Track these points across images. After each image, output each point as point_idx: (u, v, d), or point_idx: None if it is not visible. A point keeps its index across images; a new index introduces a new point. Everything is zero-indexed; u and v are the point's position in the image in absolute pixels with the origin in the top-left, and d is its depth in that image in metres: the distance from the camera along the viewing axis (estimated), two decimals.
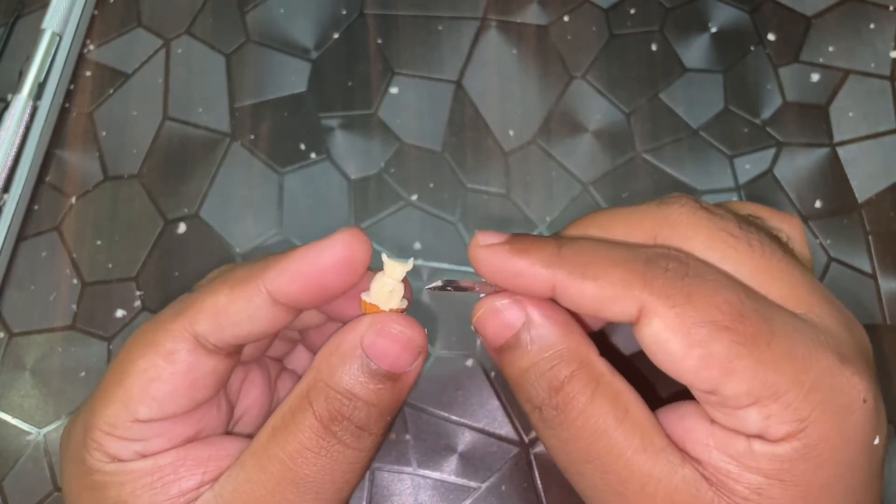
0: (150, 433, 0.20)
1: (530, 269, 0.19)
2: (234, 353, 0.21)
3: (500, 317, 0.20)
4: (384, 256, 0.20)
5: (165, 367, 0.20)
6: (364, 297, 0.20)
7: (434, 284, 0.21)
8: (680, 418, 0.19)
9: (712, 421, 0.19)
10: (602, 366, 0.20)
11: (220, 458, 0.21)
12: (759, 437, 0.18)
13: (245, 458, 0.20)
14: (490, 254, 0.20)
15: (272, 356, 0.26)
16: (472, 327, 0.21)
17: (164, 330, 0.20)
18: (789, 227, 0.22)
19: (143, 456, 0.20)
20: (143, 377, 0.20)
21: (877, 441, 0.18)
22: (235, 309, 0.20)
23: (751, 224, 0.20)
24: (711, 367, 0.18)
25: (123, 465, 0.20)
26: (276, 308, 0.20)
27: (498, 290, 0.21)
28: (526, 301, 0.20)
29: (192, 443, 0.21)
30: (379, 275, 0.20)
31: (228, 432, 0.23)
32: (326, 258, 0.20)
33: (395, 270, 0.20)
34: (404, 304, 0.21)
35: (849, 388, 0.18)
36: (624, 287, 0.18)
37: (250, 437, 0.22)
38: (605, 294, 0.18)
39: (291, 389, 0.21)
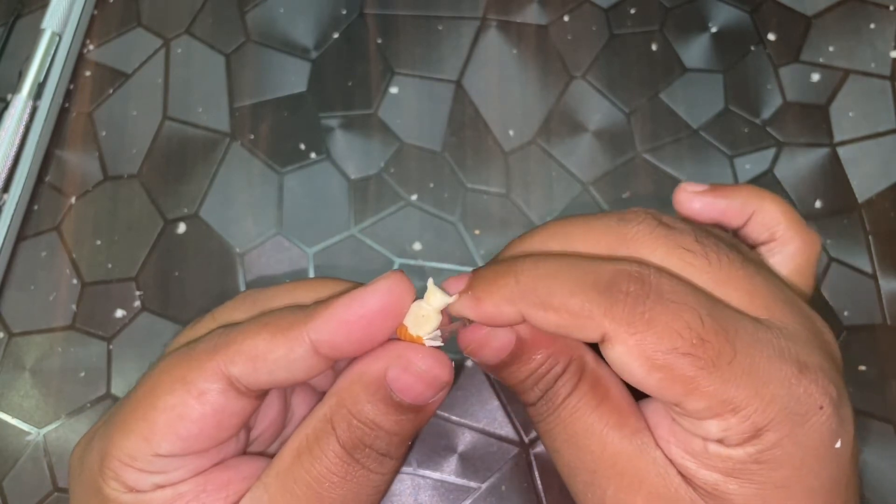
0: (170, 467, 0.20)
1: (497, 309, 0.20)
2: (264, 395, 0.21)
3: (492, 344, 0.21)
4: (430, 282, 0.21)
5: (195, 407, 0.19)
6: (408, 324, 0.20)
7: (436, 344, 0.21)
8: (648, 414, 0.21)
9: (674, 419, 0.20)
10: (588, 357, 0.21)
11: (239, 481, 0.20)
12: (715, 441, 0.19)
13: (268, 480, 0.20)
14: (461, 305, 0.20)
15: None
16: (463, 352, 0.22)
17: (199, 368, 0.19)
18: (802, 243, 0.23)
19: (161, 487, 0.20)
20: (171, 414, 0.19)
21: (838, 445, 0.19)
22: (275, 357, 0.19)
23: (709, 235, 0.21)
24: (672, 388, 0.18)
25: (141, 496, 0.19)
26: (315, 358, 0.19)
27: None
28: (518, 329, 0.21)
29: (206, 470, 0.21)
30: (419, 301, 0.20)
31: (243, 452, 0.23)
32: (372, 305, 0.19)
33: (435, 298, 0.20)
34: (436, 337, 0.20)
35: (805, 397, 0.18)
36: (584, 317, 0.19)
37: (264, 454, 0.22)
38: (568, 323, 0.19)
39: (312, 409, 0.21)
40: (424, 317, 0.20)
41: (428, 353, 0.20)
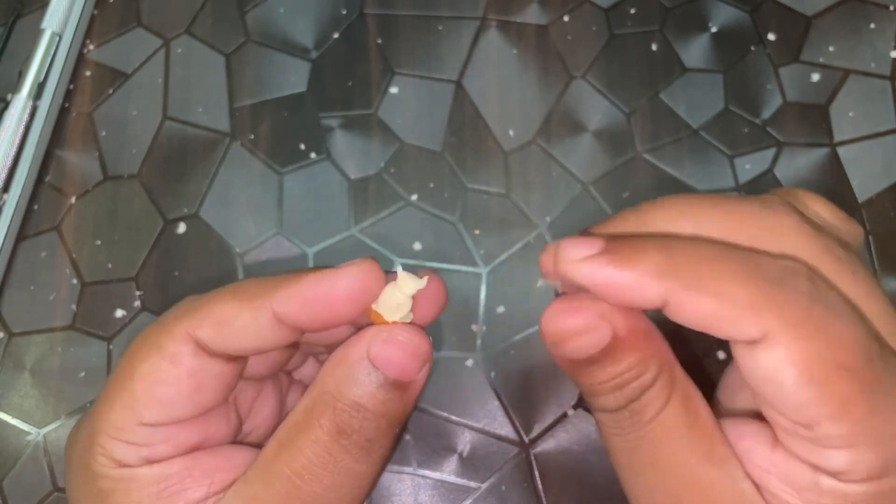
0: (156, 438, 0.20)
1: (639, 282, 0.17)
2: (239, 359, 0.21)
3: (584, 337, 0.18)
4: (399, 269, 0.20)
5: (170, 370, 0.19)
6: (373, 306, 0.20)
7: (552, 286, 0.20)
8: (739, 437, 0.19)
9: (774, 445, 0.18)
10: (678, 369, 0.19)
11: (226, 470, 0.20)
12: (833, 474, 0.17)
13: (251, 474, 0.20)
14: (591, 268, 0.17)
15: (284, 368, 0.26)
16: (541, 333, 0.19)
17: (167, 332, 0.20)
18: (853, 238, 0.20)
19: (150, 462, 0.20)
20: (148, 380, 0.19)
21: None
22: (240, 323, 0.19)
23: (847, 246, 0.19)
24: (822, 406, 0.16)
25: (130, 471, 0.19)
26: (280, 328, 0.20)
27: (570, 294, 0.19)
28: (613, 315, 0.18)
29: (199, 451, 0.20)
30: (391, 286, 0.20)
31: (236, 443, 0.23)
32: (339, 288, 0.19)
33: (407, 284, 0.20)
34: (410, 318, 0.21)
35: None
36: (750, 309, 0.16)
37: (258, 446, 0.21)
38: (726, 314, 0.16)
39: (298, 403, 0.20)
40: (399, 304, 0.20)
41: (406, 326, 0.20)
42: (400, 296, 0.20)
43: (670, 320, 0.18)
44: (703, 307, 0.17)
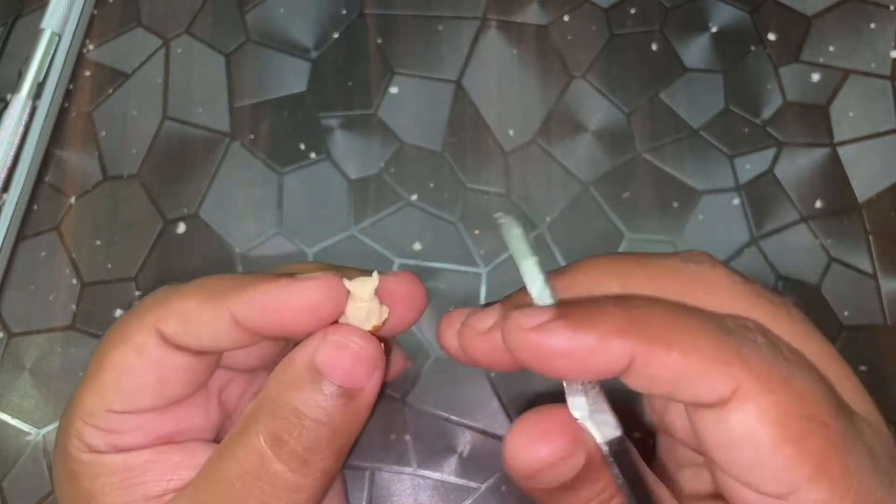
0: (125, 426, 0.20)
1: (602, 343, 0.15)
2: (209, 354, 0.21)
3: (558, 466, 0.16)
4: (346, 282, 0.19)
5: (135, 361, 0.19)
6: (341, 321, 0.19)
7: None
8: None
9: None
10: (648, 473, 0.18)
11: (189, 467, 0.20)
12: None
13: (195, 481, 0.19)
14: (547, 337, 0.16)
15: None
16: (506, 466, 0.17)
17: (137, 324, 0.20)
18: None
19: (118, 450, 0.20)
20: (115, 369, 0.20)
21: None
22: (201, 321, 0.19)
23: (777, 291, 0.19)
24: (800, 468, 0.15)
25: (98, 457, 0.20)
26: (239, 330, 0.19)
27: (534, 413, 0.17)
28: (584, 435, 0.17)
29: (167, 445, 0.20)
30: (350, 299, 0.19)
31: (218, 440, 0.22)
32: (293, 301, 0.19)
33: (362, 292, 0.19)
34: (385, 314, 0.20)
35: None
36: (718, 361, 0.15)
37: None
38: (694, 368, 0.15)
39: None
40: (368, 312, 0.19)
41: (355, 331, 0.19)
42: (363, 305, 0.19)
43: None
44: (671, 363, 0.15)
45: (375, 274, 0.19)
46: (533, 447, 0.16)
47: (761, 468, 0.15)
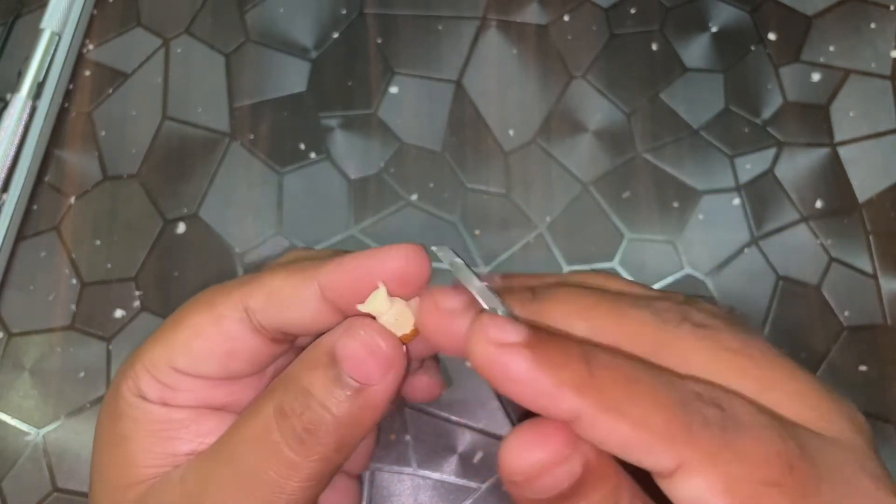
0: (180, 385, 0.20)
1: (557, 391, 0.15)
2: (278, 341, 0.21)
3: (554, 472, 0.16)
4: (359, 307, 0.19)
5: (211, 328, 0.20)
6: (359, 307, 0.19)
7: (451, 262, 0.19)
8: None
9: None
10: (643, 495, 0.17)
11: (218, 434, 0.20)
12: None
13: (213, 444, 0.20)
14: (508, 359, 0.15)
15: None
16: (501, 471, 0.17)
17: (224, 295, 0.21)
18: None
19: (165, 404, 0.20)
20: (191, 330, 0.20)
21: None
22: (286, 293, 0.20)
23: (736, 321, 0.18)
24: None
25: (144, 404, 0.20)
26: (322, 304, 0.20)
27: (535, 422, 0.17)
28: (581, 441, 0.16)
29: (207, 409, 0.21)
30: (397, 298, 0.20)
31: None
32: (380, 267, 0.19)
33: (377, 305, 0.19)
34: (409, 321, 0.19)
35: None
36: (665, 438, 0.15)
37: None
38: (640, 441, 0.15)
39: None
40: (392, 302, 0.19)
41: (381, 329, 0.19)
42: (386, 318, 0.19)
43: None
44: (619, 432, 0.15)
45: (381, 285, 0.19)
46: (528, 450, 0.16)
47: None
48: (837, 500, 0.16)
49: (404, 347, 0.19)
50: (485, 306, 0.18)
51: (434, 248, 0.19)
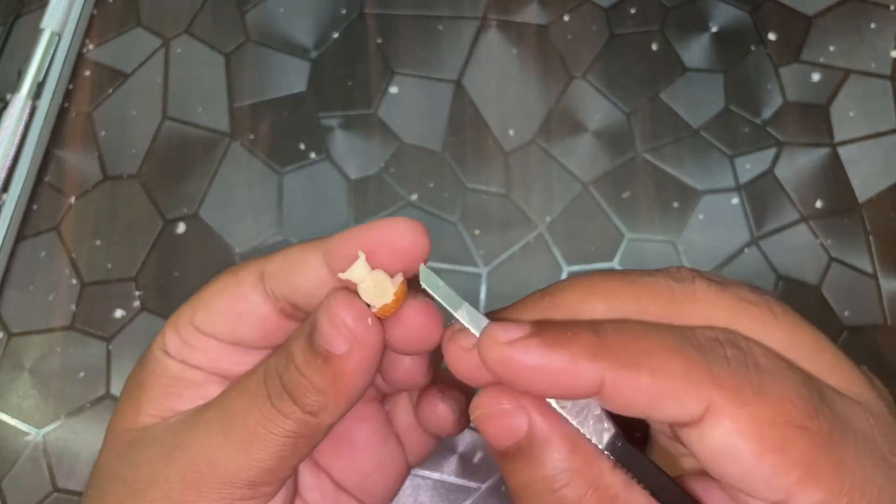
0: (196, 343, 0.21)
1: (574, 364, 0.16)
2: (287, 315, 0.22)
3: (501, 421, 0.17)
4: (339, 276, 0.20)
5: (231, 288, 0.21)
6: (339, 275, 0.20)
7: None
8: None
9: None
10: (617, 484, 0.18)
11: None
12: None
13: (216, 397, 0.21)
14: (520, 352, 0.16)
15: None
16: (472, 423, 0.19)
17: (251, 263, 0.22)
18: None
19: (182, 361, 0.21)
20: (214, 290, 0.22)
21: None
22: (296, 259, 0.21)
23: (759, 288, 0.18)
24: (788, 474, 0.15)
25: (165, 358, 0.22)
26: (325, 271, 0.20)
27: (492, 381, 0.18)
28: (529, 406, 0.17)
29: (217, 377, 0.22)
30: (379, 272, 0.20)
31: None
32: (377, 235, 0.19)
33: (355, 274, 0.19)
34: (388, 291, 0.19)
35: None
36: (688, 381, 0.16)
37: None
38: (664, 389, 0.16)
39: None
40: (378, 288, 0.19)
41: (351, 301, 0.19)
42: (364, 286, 0.19)
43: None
44: (640, 385, 0.16)
45: (361, 254, 0.19)
46: (486, 394, 0.18)
47: (751, 478, 0.16)
48: (860, 455, 0.16)
49: (379, 321, 0.19)
50: (474, 329, 0.18)
51: (422, 267, 0.19)
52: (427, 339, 0.20)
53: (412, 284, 0.20)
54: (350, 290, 0.20)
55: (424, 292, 0.20)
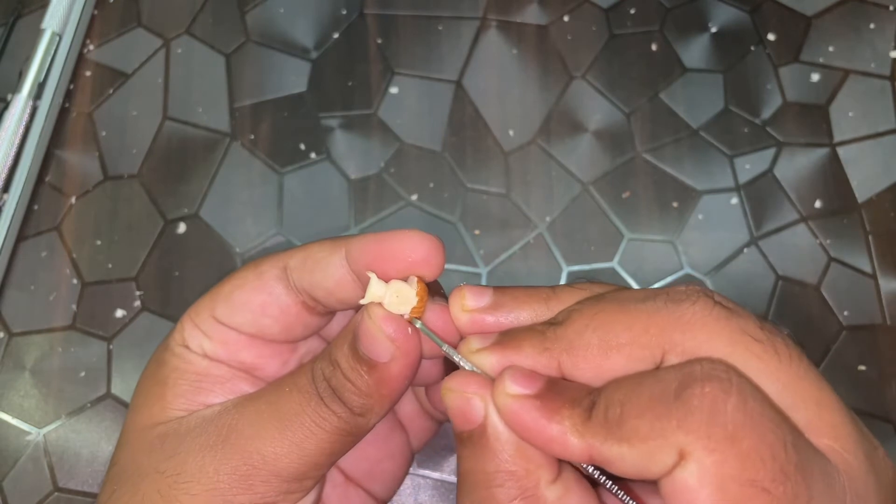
0: (217, 335, 0.22)
1: (562, 437, 0.17)
2: (308, 309, 0.22)
3: (462, 406, 0.19)
4: (361, 302, 0.21)
5: (252, 281, 0.22)
6: (360, 302, 0.21)
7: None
8: None
9: None
10: (550, 498, 0.18)
11: (236, 394, 0.22)
12: None
13: (254, 392, 0.22)
14: (521, 411, 0.18)
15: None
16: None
17: (272, 258, 0.22)
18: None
19: (204, 355, 0.22)
20: (234, 283, 0.22)
21: None
22: (319, 256, 0.21)
23: (770, 325, 0.18)
24: None
25: (186, 353, 0.22)
26: (346, 271, 0.21)
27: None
28: (490, 403, 0.18)
29: (243, 373, 0.22)
30: (398, 282, 0.21)
31: None
32: (394, 245, 0.21)
33: (375, 293, 0.21)
34: (410, 297, 0.21)
35: None
36: (658, 436, 0.16)
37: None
38: (642, 454, 0.16)
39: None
40: (400, 297, 0.21)
41: (385, 313, 0.20)
42: (392, 301, 0.21)
43: None
44: (624, 457, 0.16)
45: (371, 275, 0.21)
46: (457, 375, 0.19)
47: None
48: None
49: (417, 323, 0.21)
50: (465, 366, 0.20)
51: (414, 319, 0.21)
52: (448, 340, 0.21)
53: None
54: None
55: (434, 294, 0.21)
